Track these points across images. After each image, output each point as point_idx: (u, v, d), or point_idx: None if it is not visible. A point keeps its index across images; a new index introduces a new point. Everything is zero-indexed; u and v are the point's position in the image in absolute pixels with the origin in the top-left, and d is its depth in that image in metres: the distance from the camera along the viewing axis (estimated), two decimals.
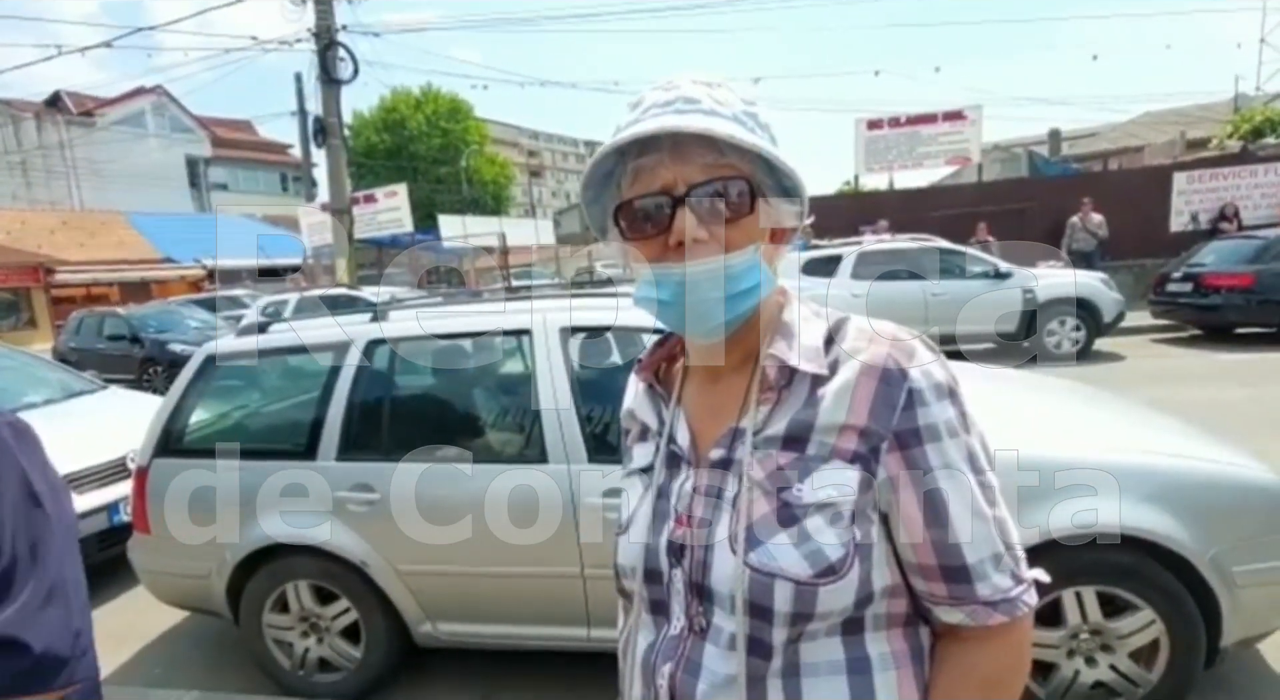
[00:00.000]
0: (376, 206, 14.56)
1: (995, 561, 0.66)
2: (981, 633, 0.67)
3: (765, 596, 0.65)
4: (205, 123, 31.92)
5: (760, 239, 0.68)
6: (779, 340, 0.71)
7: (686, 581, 0.71)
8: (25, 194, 27.13)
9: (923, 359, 0.67)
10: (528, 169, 63.23)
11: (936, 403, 0.66)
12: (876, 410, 0.66)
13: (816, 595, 0.64)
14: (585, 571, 2.27)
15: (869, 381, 0.66)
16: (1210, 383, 6.30)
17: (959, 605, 0.67)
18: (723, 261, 0.66)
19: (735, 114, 0.66)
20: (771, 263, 0.71)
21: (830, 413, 0.67)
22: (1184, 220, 11.55)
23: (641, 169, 0.67)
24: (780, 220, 0.71)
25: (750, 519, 0.67)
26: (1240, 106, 21.74)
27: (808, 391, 0.69)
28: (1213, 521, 1.91)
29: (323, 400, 2.61)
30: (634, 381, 0.87)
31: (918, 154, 12.89)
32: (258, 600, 2.66)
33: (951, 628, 0.69)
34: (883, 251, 8.30)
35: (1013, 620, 0.67)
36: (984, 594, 0.66)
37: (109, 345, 10.93)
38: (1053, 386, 3.06)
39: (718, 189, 0.65)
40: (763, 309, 0.72)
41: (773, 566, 0.65)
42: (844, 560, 0.64)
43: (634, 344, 3.02)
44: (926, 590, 0.68)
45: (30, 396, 4.86)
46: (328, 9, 12.40)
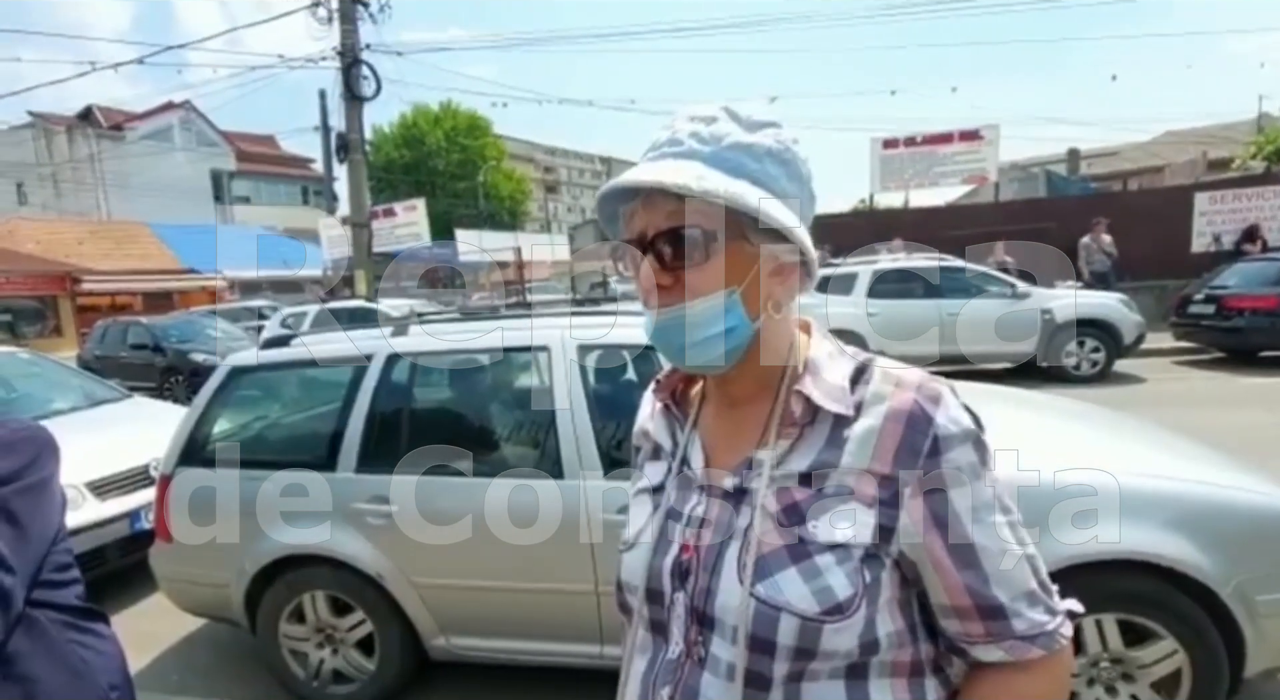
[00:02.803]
0: (395, 220, 14.77)
1: (1029, 598, 0.67)
2: (1021, 665, 0.68)
3: (769, 629, 0.65)
4: (230, 137, 32.65)
5: (736, 282, 0.67)
6: (806, 377, 0.71)
7: (688, 606, 0.71)
8: (55, 204, 27.86)
9: (948, 405, 0.67)
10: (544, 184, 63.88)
11: (961, 448, 0.66)
12: (901, 456, 0.66)
13: (821, 632, 0.64)
14: (599, 588, 2.27)
15: (895, 427, 0.66)
16: (1233, 407, 6.19)
17: (997, 642, 0.67)
18: (684, 308, 0.67)
19: (716, 151, 0.66)
20: (774, 299, 0.70)
21: (854, 456, 0.67)
22: (1206, 241, 11.40)
23: (628, 214, 0.71)
24: (775, 257, 0.68)
25: (761, 551, 0.67)
26: (1263, 127, 21.53)
27: (829, 430, 0.69)
28: (1237, 549, 1.88)
29: (343, 413, 2.65)
30: (649, 400, 0.87)
31: (934, 173, 12.88)
32: (275, 610, 2.68)
33: (986, 664, 0.69)
34: (898, 270, 8.27)
35: (1050, 654, 0.67)
36: (1021, 629, 0.66)
37: (132, 354, 11.12)
38: (1072, 410, 3.03)
39: (670, 240, 0.66)
40: (779, 342, 0.72)
41: (780, 599, 0.65)
42: (852, 600, 0.64)
43: (651, 362, 3.05)
44: (962, 631, 0.68)
45: (58, 403, 4.97)
46: (353, 28, 12.69)
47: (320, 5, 12.67)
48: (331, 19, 12.66)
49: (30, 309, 21.30)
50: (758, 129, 0.68)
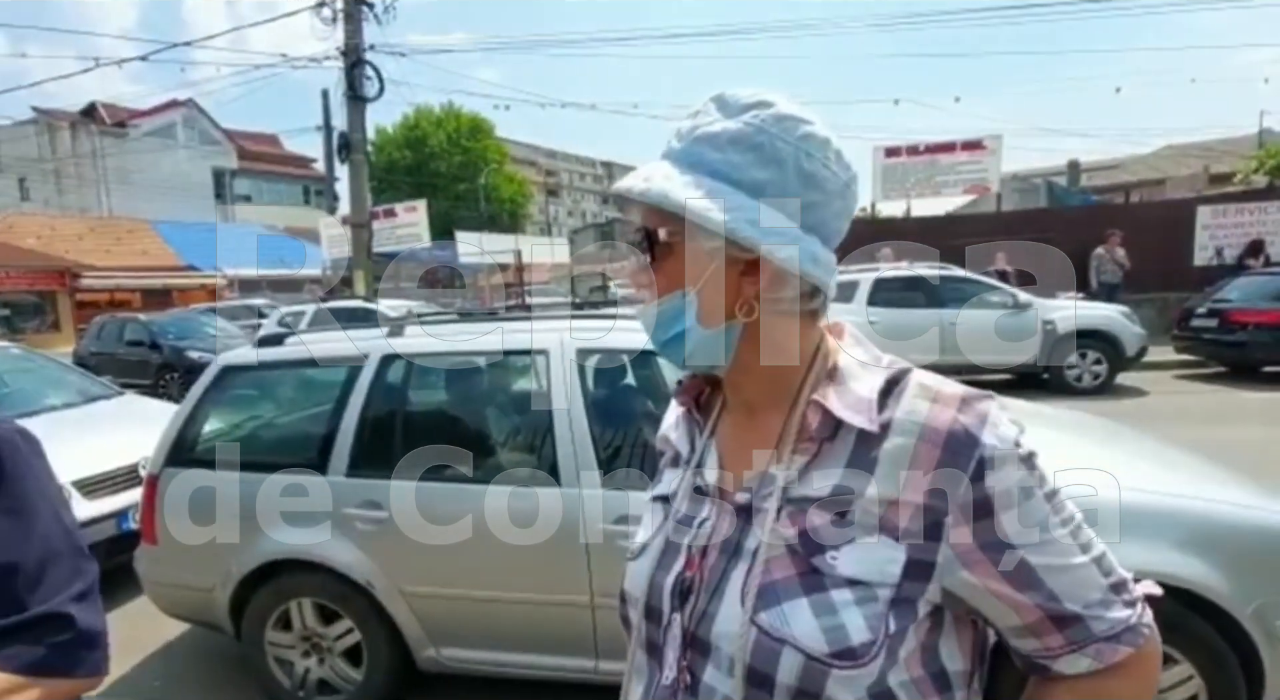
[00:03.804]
0: (396, 221, 14.75)
1: (1104, 600, 0.61)
2: (1107, 670, 0.62)
3: (769, 663, 0.59)
4: (233, 136, 32.68)
5: (693, 283, 0.64)
6: (828, 386, 0.65)
7: (684, 628, 0.66)
8: (57, 200, 27.86)
9: (996, 422, 0.60)
10: (545, 188, 63.99)
11: (1011, 467, 0.59)
12: (939, 483, 0.59)
13: (828, 677, 0.57)
14: (595, 600, 2.21)
15: (931, 450, 0.59)
16: (1236, 422, 6.14)
17: (1080, 649, 0.61)
18: (645, 308, 0.69)
19: (684, 147, 0.65)
20: (744, 300, 0.63)
21: (883, 480, 0.60)
22: (1208, 254, 11.39)
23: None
24: (739, 255, 0.62)
25: (770, 576, 0.61)
26: (1265, 141, 21.58)
27: (853, 447, 0.63)
28: (1256, 572, 1.82)
29: (335, 415, 2.59)
30: (674, 405, 0.84)
31: (936, 182, 12.86)
32: (260, 616, 2.61)
33: (1073, 677, 0.63)
34: (899, 278, 8.23)
35: (1137, 650, 0.62)
36: (1102, 631, 0.61)
37: (128, 350, 11.06)
38: (1083, 424, 2.97)
39: (639, 238, 0.67)
40: (786, 342, 0.66)
41: (784, 632, 0.58)
42: (869, 647, 0.57)
43: (650, 366, 2.99)
44: (1041, 646, 0.62)
45: (51, 399, 4.92)
46: (357, 29, 12.68)
47: (325, 5, 12.68)
48: (336, 19, 12.67)
49: (28, 304, 21.25)
50: (738, 113, 0.63)
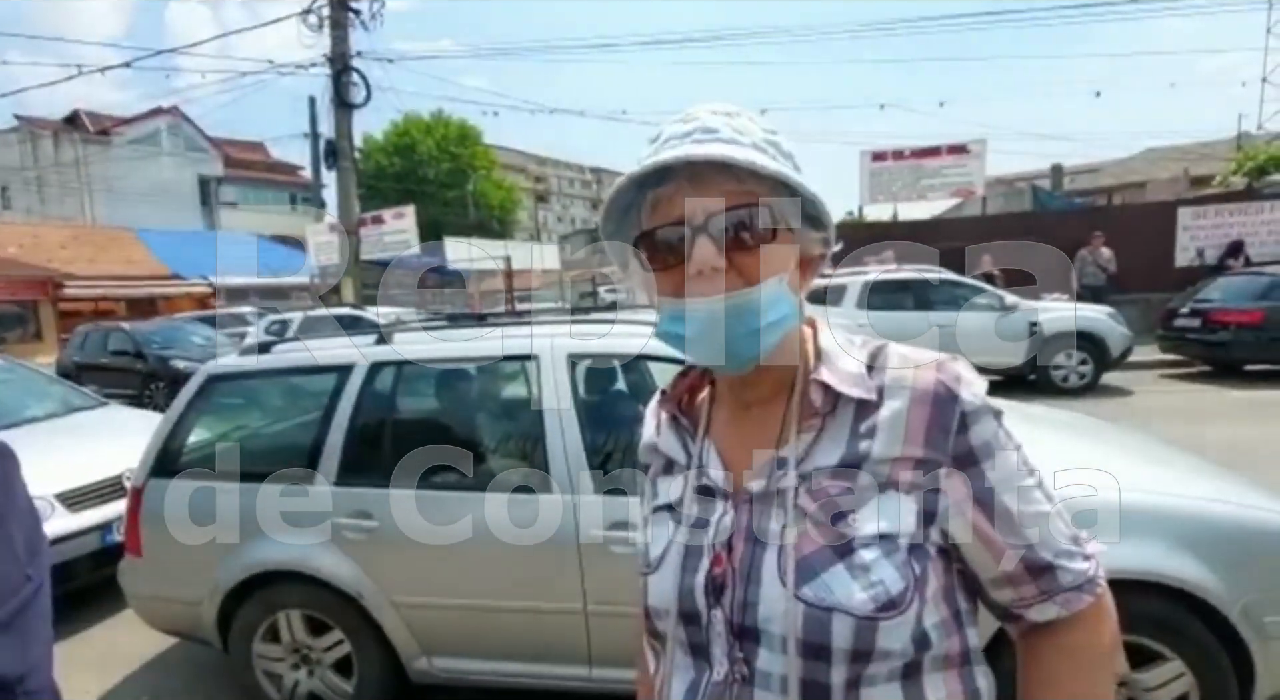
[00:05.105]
0: (384, 228, 14.64)
1: (1069, 550, 0.69)
2: (1073, 619, 0.69)
3: (822, 633, 0.62)
4: (218, 143, 32.38)
5: (785, 268, 0.66)
6: (822, 366, 0.70)
7: (727, 621, 0.67)
8: (39, 209, 27.46)
9: (970, 381, 0.68)
10: (534, 194, 63.95)
11: (986, 421, 0.67)
12: (932, 437, 0.66)
13: (877, 630, 0.61)
14: (588, 608, 2.19)
15: (922, 408, 0.66)
16: (1221, 420, 6.21)
17: (1049, 599, 0.69)
18: (744, 293, 0.63)
19: (755, 142, 0.65)
20: (800, 291, 0.70)
21: (885, 443, 0.66)
22: (1190, 255, 11.56)
23: (660, 199, 0.66)
24: (807, 248, 0.70)
25: (802, 551, 0.64)
26: (1243, 144, 21.94)
27: (853, 418, 0.68)
28: (1245, 569, 1.83)
29: (324, 423, 2.56)
30: (654, 413, 0.84)
31: (921, 186, 12.96)
32: (248, 629, 2.57)
33: (1042, 625, 0.71)
34: (888, 281, 8.29)
35: (1096, 599, 0.70)
36: (1067, 581, 0.69)
37: (112, 359, 10.89)
38: (1073, 424, 2.99)
39: (740, 218, 0.63)
40: (792, 338, 0.70)
41: (830, 600, 0.62)
42: (904, 594, 0.62)
43: (641, 372, 2.98)
44: (1016, 596, 0.70)
45: (33, 410, 4.84)
46: (343, 35, 12.63)
47: (311, 12, 12.61)
48: (322, 26, 12.60)
49: (10, 314, 20.89)
50: (771, 131, 0.68)
